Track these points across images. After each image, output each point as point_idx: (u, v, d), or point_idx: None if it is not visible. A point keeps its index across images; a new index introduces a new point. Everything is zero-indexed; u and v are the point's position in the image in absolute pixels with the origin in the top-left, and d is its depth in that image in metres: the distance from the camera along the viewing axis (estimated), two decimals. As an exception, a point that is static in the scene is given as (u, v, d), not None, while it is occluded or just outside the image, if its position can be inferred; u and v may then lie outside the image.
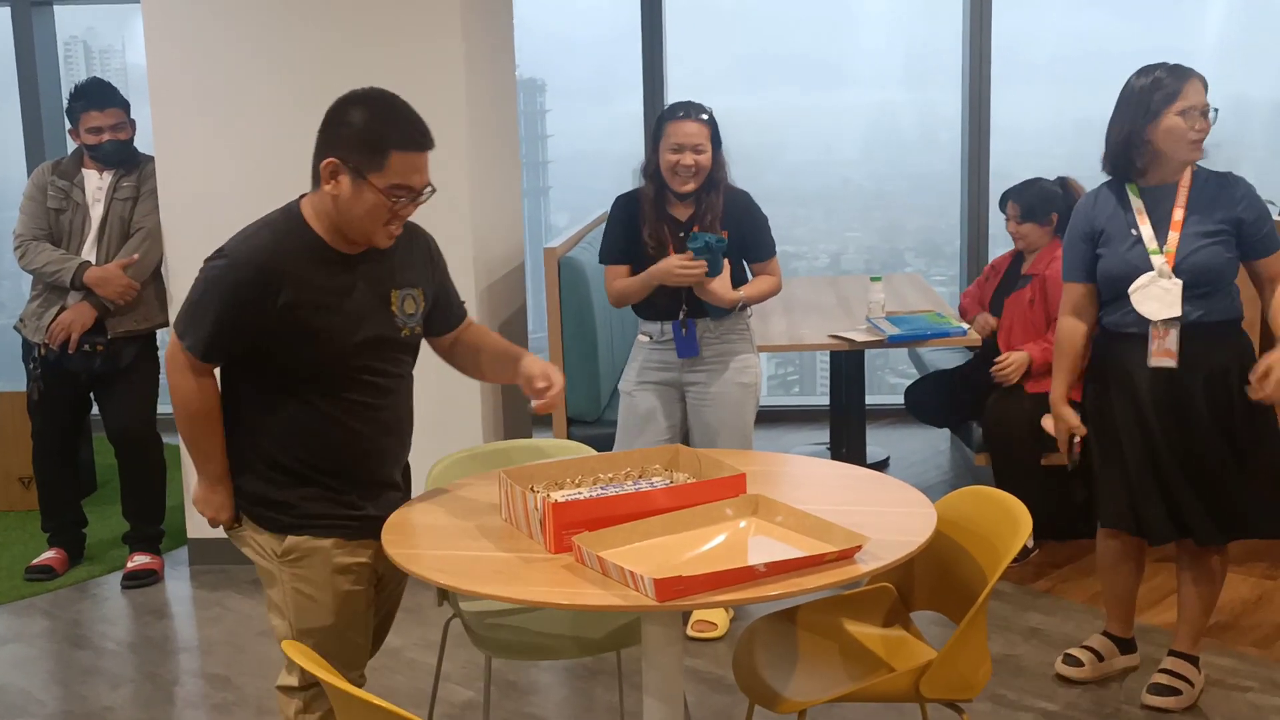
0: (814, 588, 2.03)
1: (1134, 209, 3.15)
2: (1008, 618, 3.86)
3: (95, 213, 4.33)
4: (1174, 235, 3.10)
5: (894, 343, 4.24)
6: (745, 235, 3.74)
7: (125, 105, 4.37)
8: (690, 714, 2.94)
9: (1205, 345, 3.08)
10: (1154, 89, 3.09)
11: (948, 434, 5.84)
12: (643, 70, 6.23)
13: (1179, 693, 3.25)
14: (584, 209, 5.78)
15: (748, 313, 3.81)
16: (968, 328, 4.32)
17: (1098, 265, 3.19)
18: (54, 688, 3.67)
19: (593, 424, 4.54)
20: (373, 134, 2.32)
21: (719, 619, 3.77)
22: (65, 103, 4.39)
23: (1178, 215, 3.11)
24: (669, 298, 3.70)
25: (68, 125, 4.39)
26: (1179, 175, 3.13)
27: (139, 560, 4.49)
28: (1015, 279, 4.47)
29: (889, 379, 8.14)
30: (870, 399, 5.21)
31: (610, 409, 4.58)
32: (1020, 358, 4.22)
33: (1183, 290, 3.06)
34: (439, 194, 2.45)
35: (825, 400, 5.80)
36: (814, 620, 2.64)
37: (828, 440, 5.68)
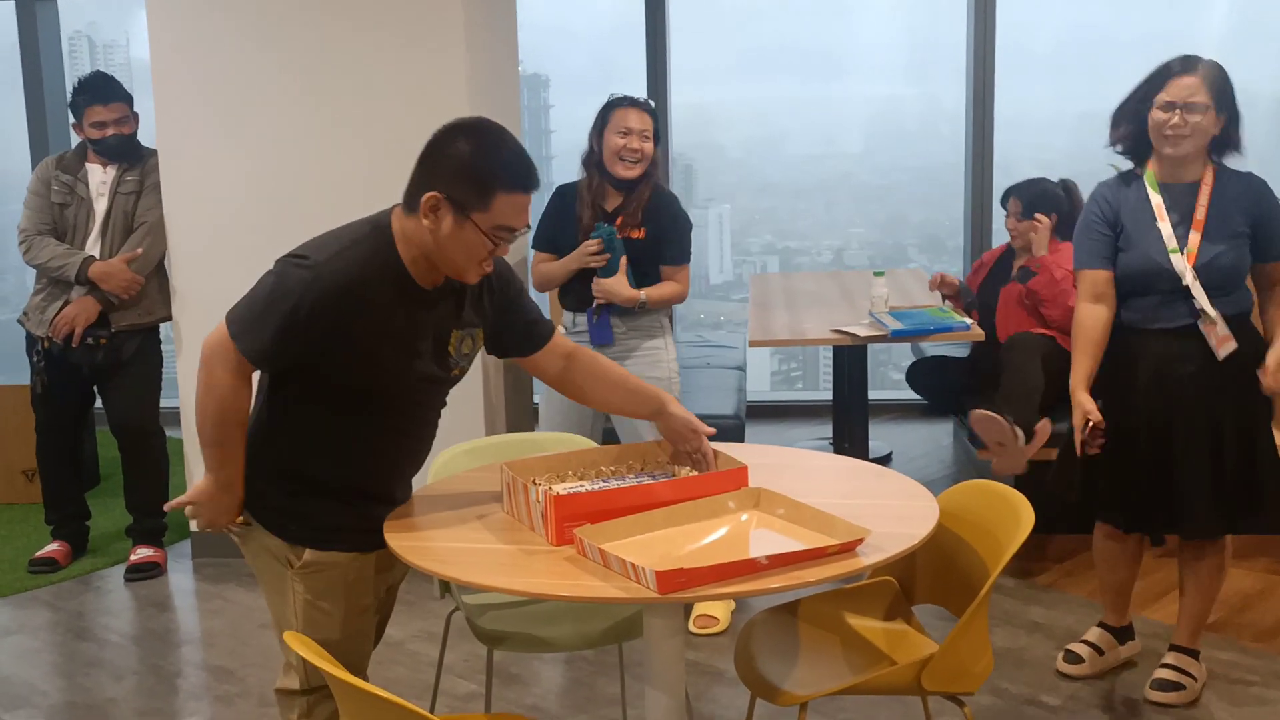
0: (816, 580, 2.03)
1: (1154, 205, 3.13)
2: (1010, 611, 3.86)
3: (99, 207, 4.34)
4: (1195, 236, 3.09)
5: (897, 337, 4.24)
6: (663, 235, 3.74)
7: (129, 99, 4.37)
8: (692, 707, 2.94)
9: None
10: (1154, 77, 3.12)
11: (951, 428, 5.83)
12: (646, 64, 6.22)
13: (1182, 688, 3.25)
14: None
15: (666, 311, 3.84)
16: (971, 323, 4.32)
17: (1118, 259, 3.17)
18: (57, 679, 3.68)
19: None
20: (480, 172, 2.20)
21: (721, 613, 3.77)
22: (69, 97, 4.40)
23: (1199, 215, 3.09)
24: (587, 286, 3.72)
25: (71, 120, 4.39)
26: (1197, 171, 3.12)
27: (142, 553, 4.50)
28: (1005, 273, 4.49)
29: (891, 374, 8.14)
30: (873, 394, 5.21)
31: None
32: None
33: (1206, 289, 3.07)
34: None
35: (828, 395, 5.79)
36: (816, 613, 2.64)
37: (830, 435, 5.67)
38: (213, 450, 2.36)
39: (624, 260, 3.71)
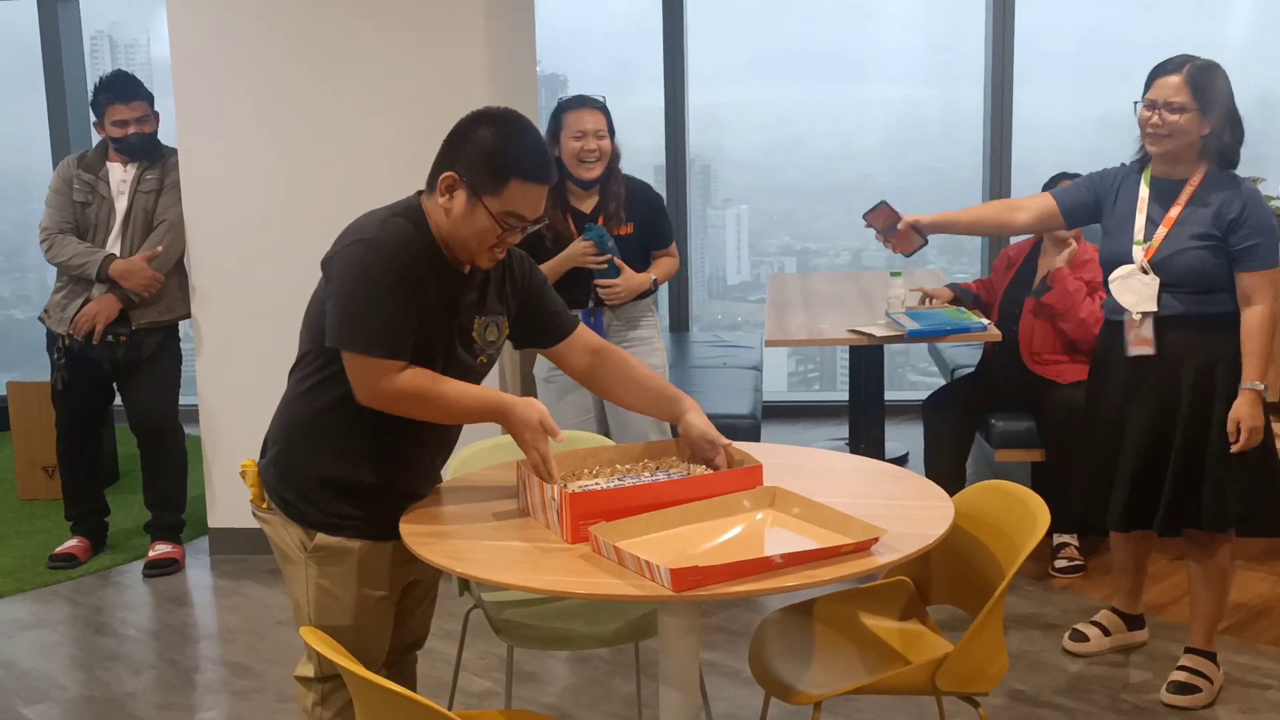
0: (830, 579, 2.03)
1: (1140, 198, 3.21)
2: (1025, 613, 3.85)
3: (120, 205, 4.37)
4: (1162, 231, 3.14)
5: (914, 338, 4.23)
6: (647, 224, 3.87)
7: (149, 98, 4.40)
8: (707, 705, 2.94)
9: (1192, 337, 3.13)
10: (1149, 75, 3.17)
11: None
12: (663, 64, 6.23)
13: (1198, 690, 3.24)
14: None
15: (653, 297, 3.96)
16: (988, 324, 4.30)
17: (1101, 244, 3.30)
18: (76, 673, 3.71)
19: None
20: (496, 157, 2.25)
21: None
22: (90, 96, 4.43)
23: (1173, 213, 3.15)
24: (579, 286, 3.77)
25: (93, 118, 4.43)
26: (1189, 171, 3.16)
27: (160, 549, 4.53)
28: (1034, 272, 4.43)
29: (909, 375, 8.12)
30: (890, 395, 5.20)
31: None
32: None
33: (1166, 287, 3.12)
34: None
35: (845, 396, 5.79)
36: (830, 613, 2.65)
37: (846, 435, 5.67)
38: (483, 407, 2.36)
39: (618, 259, 3.77)
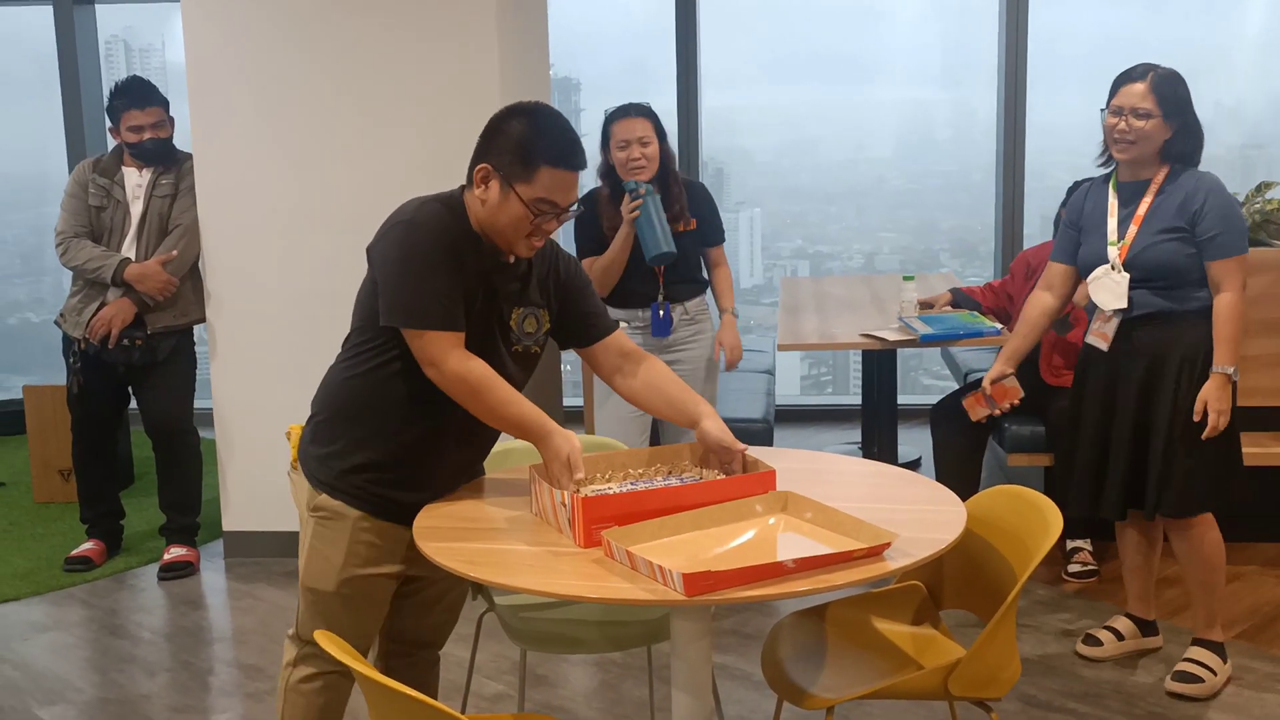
0: (842, 584, 2.04)
1: (1109, 203, 3.28)
2: (1038, 618, 3.84)
3: (135, 210, 4.39)
4: (1133, 229, 3.22)
5: (926, 342, 4.23)
6: (706, 221, 4.03)
7: (165, 103, 4.42)
8: (719, 709, 2.94)
9: (1166, 333, 3.21)
10: (1113, 83, 3.26)
11: (980, 434, 5.80)
12: (676, 67, 6.24)
13: (1200, 680, 3.28)
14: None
15: (706, 296, 4.12)
16: (1001, 328, 4.30)
17: (1078, 253, 3.37)
18: (91, 675, 3.72)
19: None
20: (526, 146, 2.32)
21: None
22: (106, 101, 4.45)
23: (1141, 210, 3.22)
24: (645, 284, 3.92)
25: (108, 124, 4.45)
26: (1152, 172, 3.23)
27: (175, 552, 4.55)
28: None
29: (922, 379, 8.11)
30: (903, 399, 5.20)
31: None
32: None
33: (1143, 283, 3.20)
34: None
35: (858, 400, 5.79)
36: (843, 617, 2.65)
37: (859, 440, 5.66)
38: (523, 425, 2.39)
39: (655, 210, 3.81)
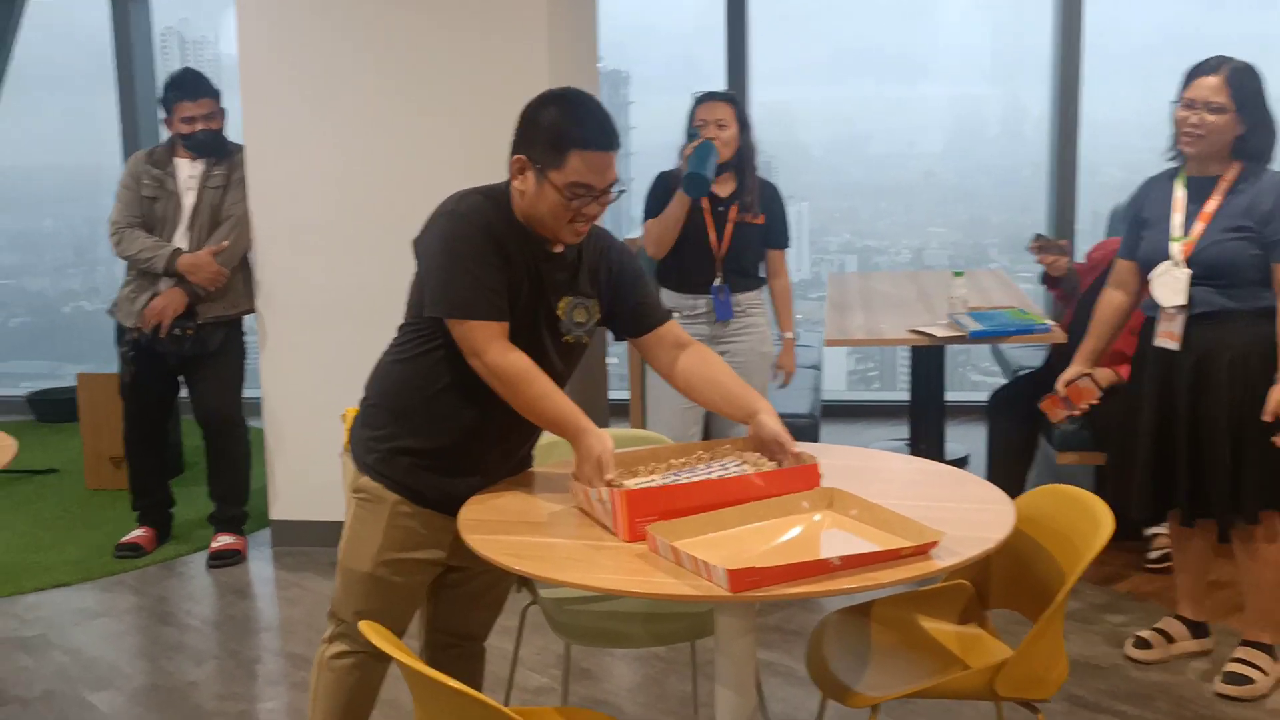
0: (889, 582, 2.01)
1: (1175, 197, 3.21)
2: (1086, 618, 3.80)
3: (187, 201, 4.43)
4: (1200, 226, 3.16)
5: (975, 339, 4.19)
6: (774, 221, 4.10)
7: (217, 95, 4.46)
8: (763, 705, 2.93)
9: (1219, 332, 3.16)
10: (1186, 75, 3.18)
11: (1029, 432, 5.74)
12: (726, 62, 6.22)
13: (1251, 681, 3.23)
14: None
15: (762, 293, 4.18)
16: (1052, 325, 4.25)
17: (1139, 248, 3.31)
18: (140, 661, 3.77)
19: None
20: (555, 132, 2.32)
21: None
22: (159, 93, 4.50)
23: (1209, 207, 3.16)
24: (703, 269, 4.01)
25: (162, 115, 4.49)
26: (1221, 168, 3.16)
27: (223, 540, 4.59)
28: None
29: (970, 375, 8.04)
30: (951, 395, 5.15)
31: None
32: None
33: (1204, 281, 3.13)
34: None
35: (905, 396, 5.74)
36: (888, 615, 2.62)
37: (907, 436, 5.62)
38: (558, 421, 2.38)
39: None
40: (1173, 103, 3.19)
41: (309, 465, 4.57)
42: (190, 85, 4.40)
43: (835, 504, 2.31)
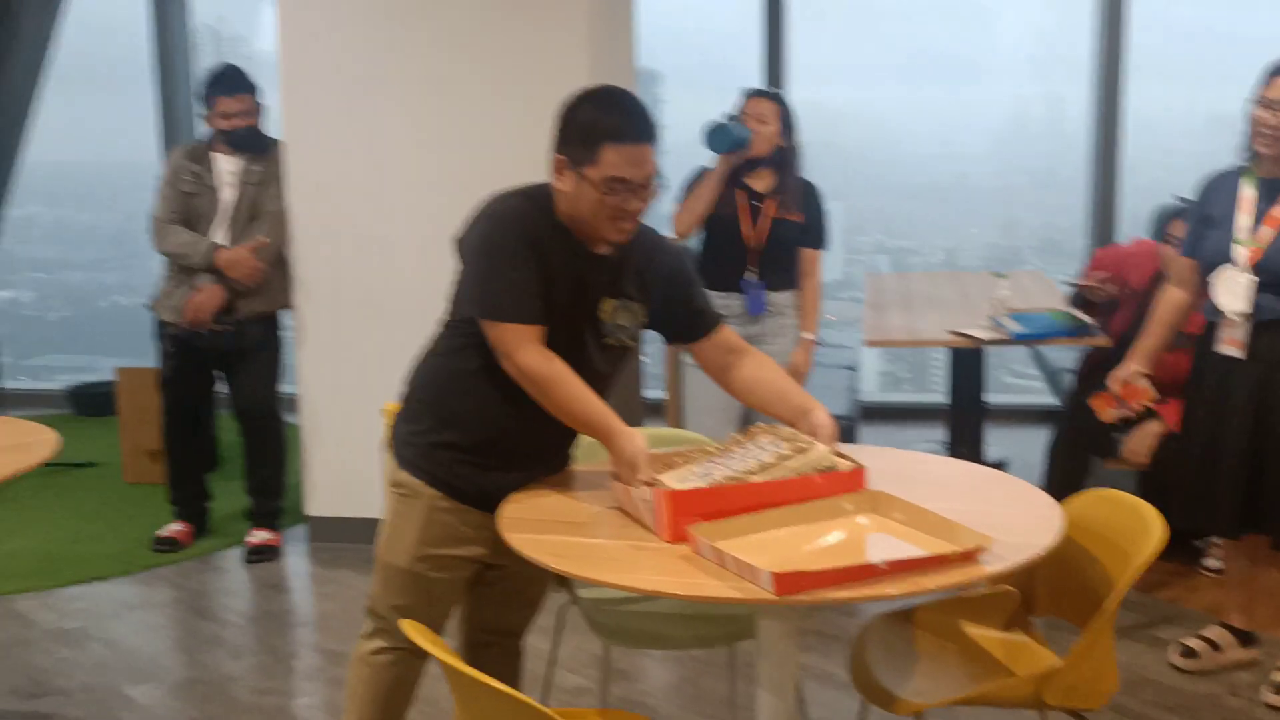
0: (935, 588, 1.99)
1: (1242, 198, 3.13)
2: (1130, 624, 3.75)
3: (226, 196, 4.44)
4: (1267, 231, 3.07)
5: (1018, 341, 4.15)
6: (812, 221, 4.08)
7: (256, 91, 4.47)
8: (803, 710, 2.91)
9: None
10: (1264, 73, 3.09)
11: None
12: (764, 61, 6.19)
13: None
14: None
15: (795, 296, 4.13)
16: (1095, 327, 4.19)
17: (1201, 247, 3.23)
18: (179, 655, 3.78)
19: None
20: (587, 128, 2.31)
21: None
22: (198, 88, 4.51)
23: (1277, 212, 3.07)
24: (737, 265, 3.99)
25: (201, 111, 4.50)
26: None
27: (260, 535, 4.61)
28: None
29: (1004, 377, 7.98)
30: (989, 397, 5.10)
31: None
32: None
33: (1273, 288, 3.05)
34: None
35: (937, 398, 5.70)
36: (932, 620, 2.60)
37: (943, 438, 5.57)
38: (589, 423, 2.37)
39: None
40: (1248, 100, 3.10)
41: (346, 461, 4.58)
42: (230, 81, 4.41)
43: (880, 507, 2.29)
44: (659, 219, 5.44)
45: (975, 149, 9.35)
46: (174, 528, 4.68)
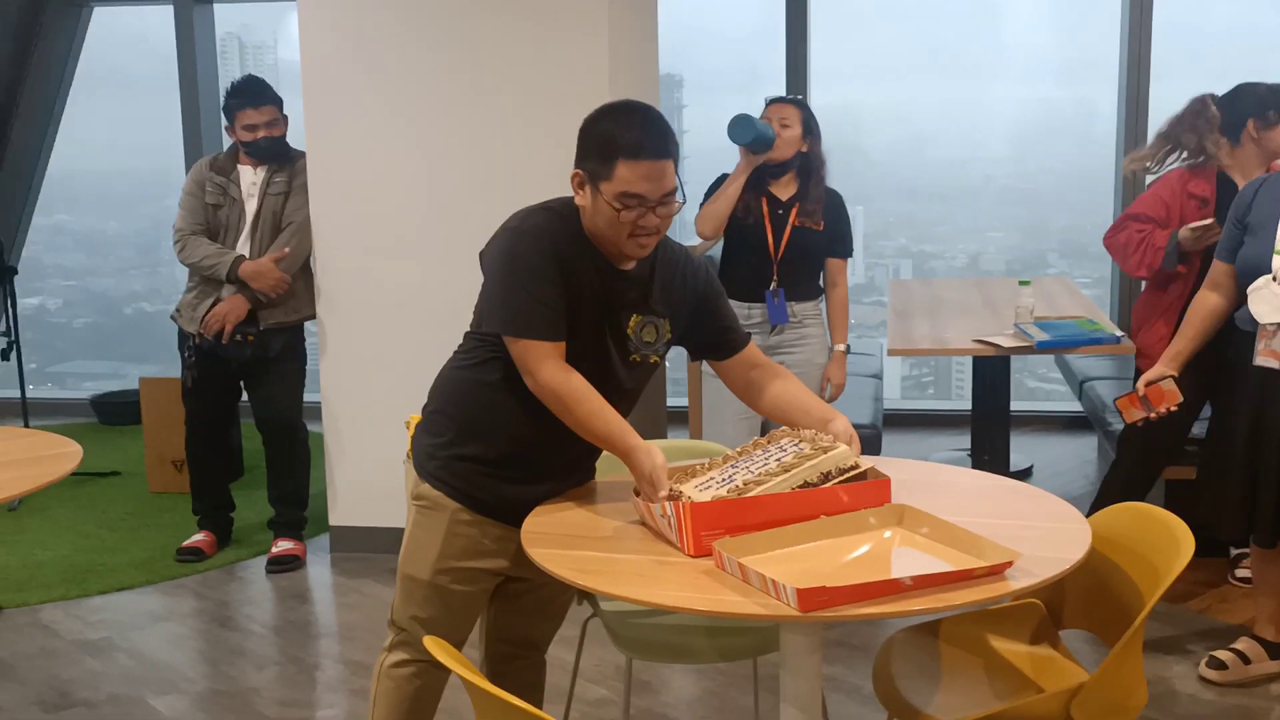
0: (962, 604, 1.97)
1: None
2: (1159, 637, 3.70)
3: (250, 207, 4.45)
4: None
5: (1043, 349, 4.11)
6: (836, 230, 4.06)
7: (279, 102, 4.48)
8: (825, 723, 2.89)
9: None
10: None
11: (1095, 442, 5.65)
12: (786, 64, 6.17)
13: None
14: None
15: (820, 304, 4.14)
16: (1122, 335, 4.15)
17: (1239, 253, 3.18)
18: (203, 666, 3.79)
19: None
20: (603, 143, 2.30)
21: None
22: (222, 100, 4.52)
23: None
24: (760, 275, 3.98)
25: (224, 122, 4.52)
26: None
27: (283, 545, 4.61)
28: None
29: (1028, 382, 7.93)
30: (1013, 404, 5.06)
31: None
32: None
33: None
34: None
35: (960, 404, 5.67)
36: (957, 634, 2.57)
37: (968, 446, 5.54)
38: (608, 440, 2.36)
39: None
40: None
41: (369, 471, 4.58)
42: (253, 93, 4.42)
43: (905, 521, 2.27)
44: (681, 225, 5.44)
45: (1000, 151, 9.30)
46: (197, 538, 4.69)
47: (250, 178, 4.47)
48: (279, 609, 4.24)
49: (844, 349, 4.10)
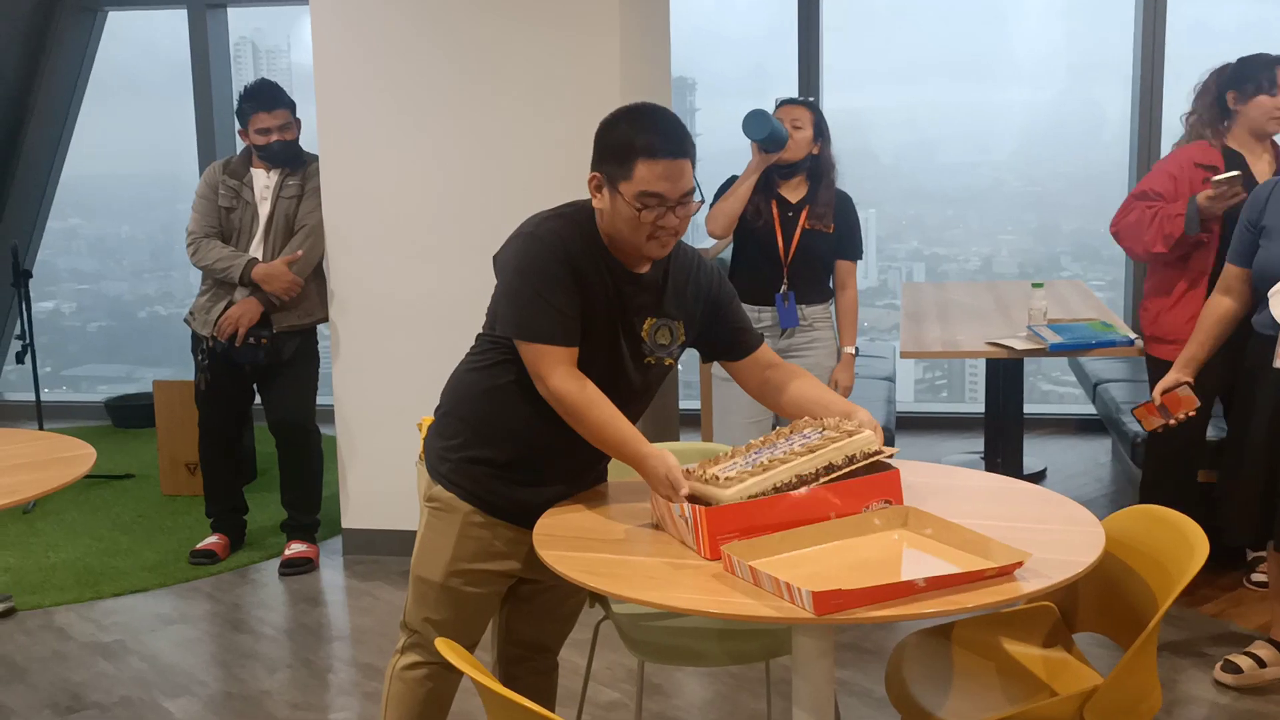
0: (974, 606, 1.96)
1: None
2: (1173, 640, 3.69)
3: (263, 211, 4.46)
4: None
5: (1056, 351, 4.10)
6: (846, 231, 4.06)
7: (292, 106, 4.49)
8: (838, 726, 2.88)
9: None
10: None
11: (1109, 445, 5.63)
12: (798, 68, 6.17)
13: None
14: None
15: (829, 307, 4.14)
16: (1135, 338, 4.14)
17: (1254, 258, 3.15)
18: (215, 669, 3.80)
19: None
20: (621, 144, 2.31)
21: None
22: (235, 104, 4.54)
23: None
24: (770, 278, 3.97)
25: (237, 126, 4.53)
26: None
27: (296, 548, 4.62)
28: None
29: (1041, 385, 7.91)
30: (1026, 407, 5.05)
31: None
32: None
33: None
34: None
35: (973, 407, 5.66)
36: (970, 637, 2.56)
37: (981, 449, 5.53)
38: (619, 447, 2.35)
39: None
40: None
41: (381, 474, 4.59)
42: (266, 96, 4.43)
43: (910, 522, 2.26)
44: (691, 227, 5.44)
45: (1011, 155, 9.28)
46: (210, 541, 4.70)
47: (263, 181, 4.48)
48: (291, 612, 4.24)
49: (852, 352, 4.09)
